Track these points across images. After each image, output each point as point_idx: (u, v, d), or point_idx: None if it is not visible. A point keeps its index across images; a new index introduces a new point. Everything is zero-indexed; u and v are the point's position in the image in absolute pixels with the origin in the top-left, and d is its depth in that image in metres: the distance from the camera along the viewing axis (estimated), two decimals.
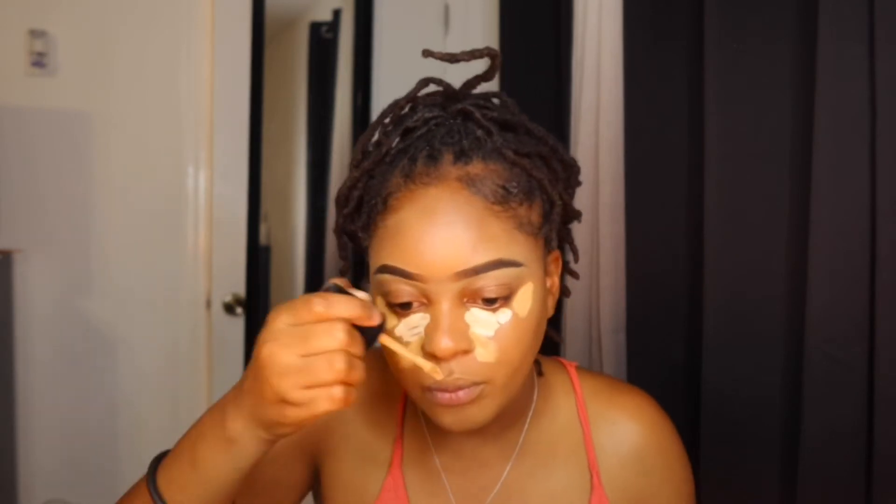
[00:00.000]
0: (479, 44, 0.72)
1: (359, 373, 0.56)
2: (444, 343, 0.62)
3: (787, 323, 1.04)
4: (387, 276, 0.64)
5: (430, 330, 0.63)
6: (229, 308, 2.06)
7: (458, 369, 0.63)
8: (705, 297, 1.11)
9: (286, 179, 2.28)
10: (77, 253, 1.96)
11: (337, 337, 0.54)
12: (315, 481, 0.82)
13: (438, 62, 0.68)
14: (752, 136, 1.07)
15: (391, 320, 0.65)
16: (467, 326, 0.63)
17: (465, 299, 0.63)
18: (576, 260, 0.77)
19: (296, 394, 0.54)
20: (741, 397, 1.09)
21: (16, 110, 1.88)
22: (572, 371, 0.81)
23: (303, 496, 0.81)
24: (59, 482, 1.93)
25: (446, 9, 2.20)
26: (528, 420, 0.77)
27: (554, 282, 0.72)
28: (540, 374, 0.79)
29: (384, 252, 0.64)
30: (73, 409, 1.95)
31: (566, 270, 0.78)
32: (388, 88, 2.15)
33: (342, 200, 0.69)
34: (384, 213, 0.65)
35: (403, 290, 0.63)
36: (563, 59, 1.43)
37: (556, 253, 0.73)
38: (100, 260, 1.97)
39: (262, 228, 2.14)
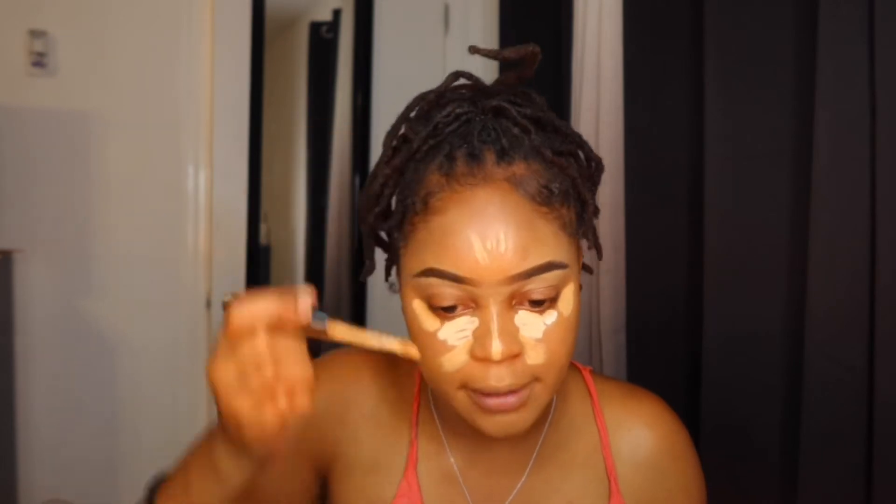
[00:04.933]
0: (478, 44, 0.71)
1: (300, 373, 0.54)
2: (497, 347, 0.60)
3: (787, 323, 1.04)
4: (433, 280, 0.62)
5: (481, 334, 0.62)
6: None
7: (509, 374, 0.62)
8: (705, 297, 1.11)
9: (286, 179, 2.28)
10: (77, 253, 1.96)
11: (256, 344, 0.53)
12: (324, 490, 0.81)
13: (438, 62, 0.67)
14: (752, 136, 1.07)
15: (433, 323, 0.63)
16: (517, 329, 0.62)
17: (513, 301, 0.62)
18: (599, 257, 0.75)
19: (245, 413, 0.53)
20: (741, 397, 1.09)
21: (16, 110, 1.88)
22: (587, 375, 0.80)
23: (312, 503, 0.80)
24: (59, 482, 1.93)
25: (446, 9, 2.20)
26: (547, 425, 0.76)
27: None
28: None
29: (429, 255, 0.62)
30: (73, 409, 1.95)
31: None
32: (388, 88, 2.15)
33: (373, 199, 0.67)
34: (425, 213, 0.63)
35: (450, 294, 0.62)
36: (563, 59, 1.43)
37: (580, 253, 0.72)
38: (100, 260, 1.97)
39: (262, 228, 2.14)
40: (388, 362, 0.81)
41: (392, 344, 0.60)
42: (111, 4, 1.96)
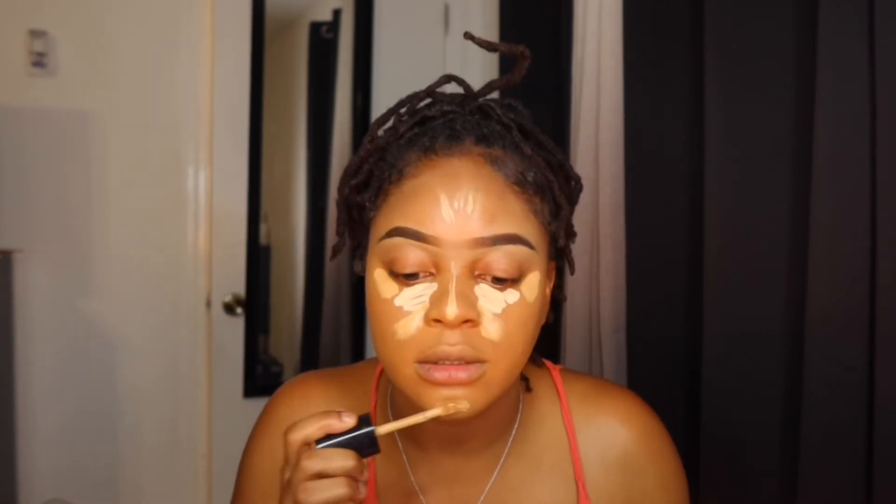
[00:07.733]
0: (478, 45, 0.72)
1: (349, 466, 0.58)
2: (453, 308, 0.59)
3: (787, 323, 1.04)
4: (397, 240, 0.62)
5: (438, 296, 0.61)
6: (229, 308, 2.06)
7: (461, 339, 0.60)
8: (705, 297, 1.11)
9: (286, 179, 2.28)
10: (77, 253, 1.96)
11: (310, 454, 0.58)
12: None
13: (438, 62, 0.68)
14: (752, 136, 1.07)
15: (391, 290, 0.63)
16: (476, 298, 0.61)
17: (475, 272, 0.62)
18: (571, 272, 0.76)
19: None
20: (741, 398, 1.09)
21: (15, 110, 1.88)
22: (556, 375, 0.78)
23: None
24: (59, 482, 1.93)
25: (446, 9, 2.19)
26: (514, 432, 0.74)
27: (547, 292, 0.70)
28: (528, 389, 0.76)
29: (397, 215, 0.63)
30: (73, 409, 1.95)
31: (557, 289, 0.75)
32: (388, 88, 2.15)
33: (351, 171, 0.68)
34: (399, 181, 0.64)
35: (412, 257, 0.61)
36: (563, 59, 1.43)
37: (553, 264, 0.71)
38: (100, 260, 1.97)
39: (262, 228, 2.14)
40: (340, 387, 0.79)
41: (435, 411, 0.61)
42: (111, 4, 1.96)
